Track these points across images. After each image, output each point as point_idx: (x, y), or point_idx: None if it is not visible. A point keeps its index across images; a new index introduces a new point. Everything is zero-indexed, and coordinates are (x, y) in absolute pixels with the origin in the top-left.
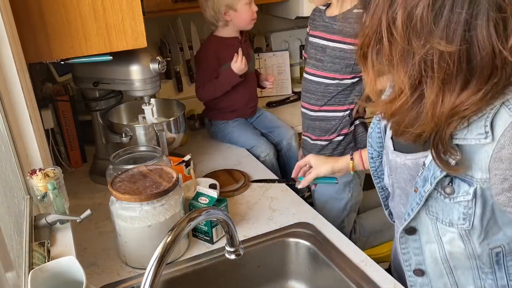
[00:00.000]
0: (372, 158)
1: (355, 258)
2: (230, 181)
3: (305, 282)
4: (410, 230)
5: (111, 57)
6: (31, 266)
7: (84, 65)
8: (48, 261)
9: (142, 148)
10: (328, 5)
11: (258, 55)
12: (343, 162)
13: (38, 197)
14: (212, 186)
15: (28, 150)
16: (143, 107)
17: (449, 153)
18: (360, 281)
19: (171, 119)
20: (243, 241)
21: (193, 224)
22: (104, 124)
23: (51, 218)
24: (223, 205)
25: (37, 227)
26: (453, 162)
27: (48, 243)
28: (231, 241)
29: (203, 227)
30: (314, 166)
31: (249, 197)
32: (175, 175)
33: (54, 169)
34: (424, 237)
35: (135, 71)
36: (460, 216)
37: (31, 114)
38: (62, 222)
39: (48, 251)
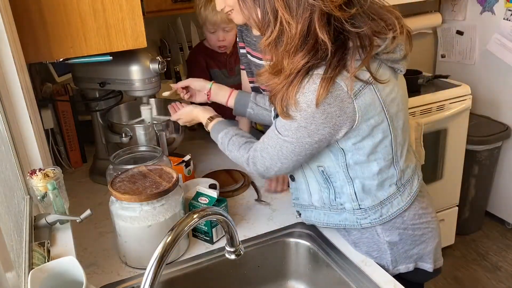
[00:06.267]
0: None
1: (355, 258)
2: (230, 181)
3: (305, 282)
4: None
5: (111, 57)
6: (31, 266)
7: (84, 65)
8: (48, 261)
9: (142, 148)
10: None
11: None
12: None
13: (38, 197)
14: (212, 186)
15: (28, 150)
16: (141, 107)
17: None
18: (360, 281)
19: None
20: (243, 241)
21: (193, 224)
22: (104, 124)
23: (51, 218)
24: (223, 205)
25: (37, 227)
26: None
27: (48, 243)
28: (231, 241)
29: (203, 227)
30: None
31: (249, 197)
32: (175, 175)
33: (54, 169)
34: None
35: (135, 71)
36: None
37: (31, 114)
38: (62, 222)
39: (48, 251)
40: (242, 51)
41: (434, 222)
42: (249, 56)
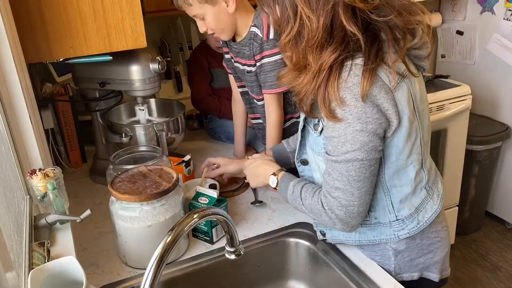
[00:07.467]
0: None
1: (355, 258)
2: (230, 181)
3: (305, 282)
4: (303, 161)
5: (111, 57)
6: (31, 266)
7: (84, 65)
8: (48, 261)
9: (142, 148)
10: None
11: None
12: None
13: (38, 197)
14: (212, 186)
15: (28, 150)
16: (136, 107)
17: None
18: (360, 281)
19: (171, 119)
20: (243, 241)
21: (193, 224)
22: (104, 124)
23: (51, 218)
24: (223, 205)
25: (37, 227)
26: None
27: (48, 243)
28: (231, 241)
29: (203, 227)
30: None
31: (249, 197)
32: (175, 175)
33: (54, 169)
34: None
35: (135, 71)
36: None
37: (31, 114)
38: (62, 222)
39: (48, 251)
40: (227, 56)
41: (444, 232)
42: (232, 60)
